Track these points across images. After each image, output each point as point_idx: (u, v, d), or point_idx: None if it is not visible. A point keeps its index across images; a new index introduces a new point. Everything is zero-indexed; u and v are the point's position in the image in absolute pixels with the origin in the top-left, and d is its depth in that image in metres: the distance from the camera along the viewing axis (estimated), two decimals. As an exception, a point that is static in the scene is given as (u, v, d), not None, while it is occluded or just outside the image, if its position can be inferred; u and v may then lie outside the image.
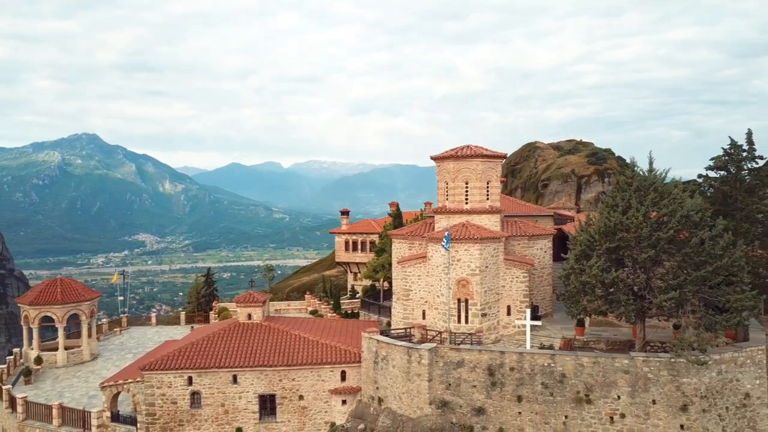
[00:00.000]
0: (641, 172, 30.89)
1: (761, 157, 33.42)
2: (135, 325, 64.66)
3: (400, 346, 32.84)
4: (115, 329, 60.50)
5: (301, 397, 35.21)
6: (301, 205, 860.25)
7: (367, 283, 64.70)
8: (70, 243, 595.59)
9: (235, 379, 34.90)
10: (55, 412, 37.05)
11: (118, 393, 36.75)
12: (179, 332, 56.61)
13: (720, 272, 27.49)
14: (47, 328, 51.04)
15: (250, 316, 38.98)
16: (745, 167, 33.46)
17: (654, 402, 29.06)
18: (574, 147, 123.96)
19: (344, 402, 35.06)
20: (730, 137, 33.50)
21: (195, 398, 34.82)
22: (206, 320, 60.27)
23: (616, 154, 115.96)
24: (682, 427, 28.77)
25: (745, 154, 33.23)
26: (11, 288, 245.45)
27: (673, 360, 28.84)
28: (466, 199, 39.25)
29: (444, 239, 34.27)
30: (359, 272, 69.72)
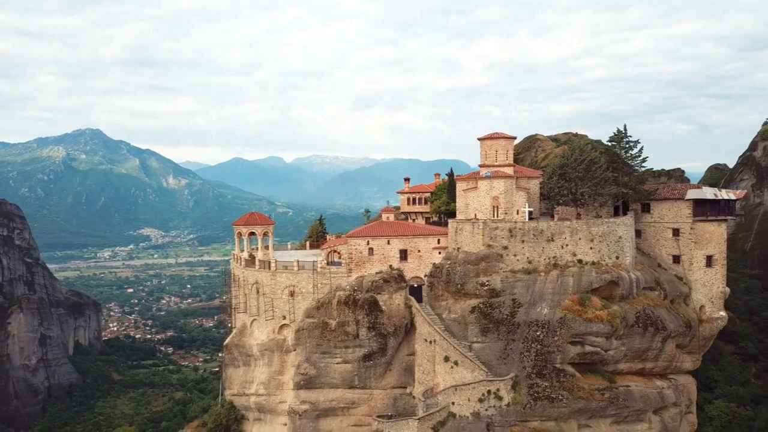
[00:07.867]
0: (577, 143, 74.18)
1: (631, 136, 77.38)
2: (277, 250, 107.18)
3: (468, 222, 75.78)
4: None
5: (419, 251, 78.05)
6: (304, 199, 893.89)
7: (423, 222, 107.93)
8: (76, 237, 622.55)
9: (388, 242, 77.73)
10: (295, 263, 79.67)
11: (330, 252, 79.63)
12: (310, 253, 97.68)
13: (603, 181, 71.24)
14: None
15: (388, 218, 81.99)
16: (624, 141, 77.19)
17: (580, 238, 72.53)
18: (569, 139, 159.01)
19: (440, 253, 77.93)
20: (617, 127, 77.83)
21: (370, 251, 77.60)
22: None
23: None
24: (591, 247, 72.08)
25: (623, 135, 77.17)
26: (38, 276, 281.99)
27: (588, 219, 72.11)
28: (496, 159, 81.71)
29: (487, 173, 77.16)
30: (416, 219, 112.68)
